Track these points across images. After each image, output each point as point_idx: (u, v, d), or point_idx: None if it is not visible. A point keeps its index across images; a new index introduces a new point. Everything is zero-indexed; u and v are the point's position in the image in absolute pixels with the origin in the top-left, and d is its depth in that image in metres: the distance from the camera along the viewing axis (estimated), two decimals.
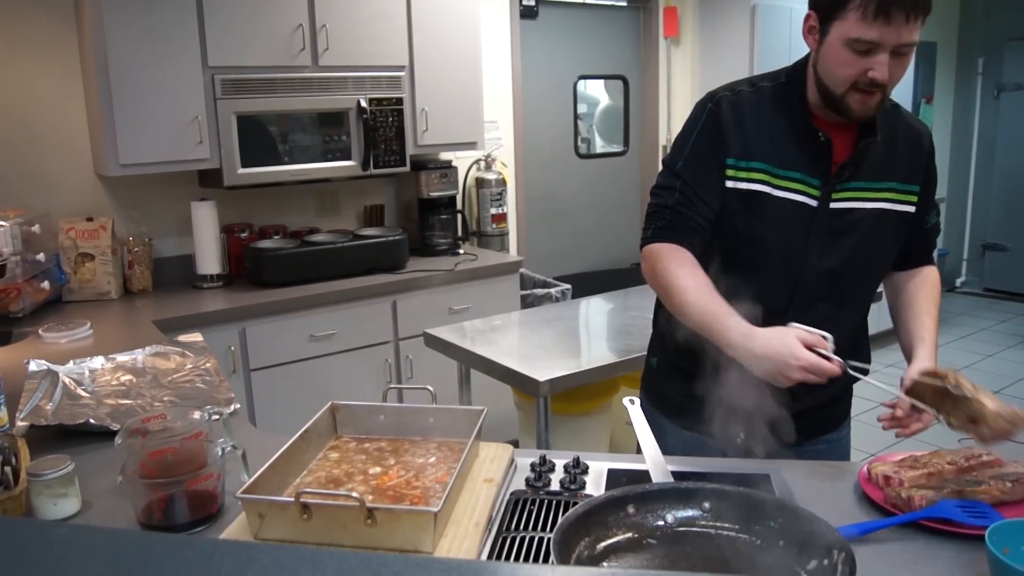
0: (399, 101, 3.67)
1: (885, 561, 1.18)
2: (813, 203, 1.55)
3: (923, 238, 1.70)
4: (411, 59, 3.73)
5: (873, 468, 1.38)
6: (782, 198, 1.54)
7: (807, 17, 1.50)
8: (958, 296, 7.14)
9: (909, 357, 1.61)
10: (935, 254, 1.77)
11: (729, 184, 1.56)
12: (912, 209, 1.61)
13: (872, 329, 1.77)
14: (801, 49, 1.57)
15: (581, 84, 4.98)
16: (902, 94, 6.03)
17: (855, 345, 1.66)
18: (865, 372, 1.50)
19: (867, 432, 2.76)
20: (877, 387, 1.48)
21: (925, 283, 1.70)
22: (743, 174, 1.55)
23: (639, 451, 1.62)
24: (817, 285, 1.57)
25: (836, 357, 1.40)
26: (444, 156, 4.17)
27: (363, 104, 3.55)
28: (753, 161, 1.55)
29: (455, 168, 4.07)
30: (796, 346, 1.39)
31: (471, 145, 4.01)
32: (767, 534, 1.14)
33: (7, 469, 1.35)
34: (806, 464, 1.54)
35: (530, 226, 4.81)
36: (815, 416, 1.67)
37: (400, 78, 3.68)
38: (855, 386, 1.68)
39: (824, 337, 1.42)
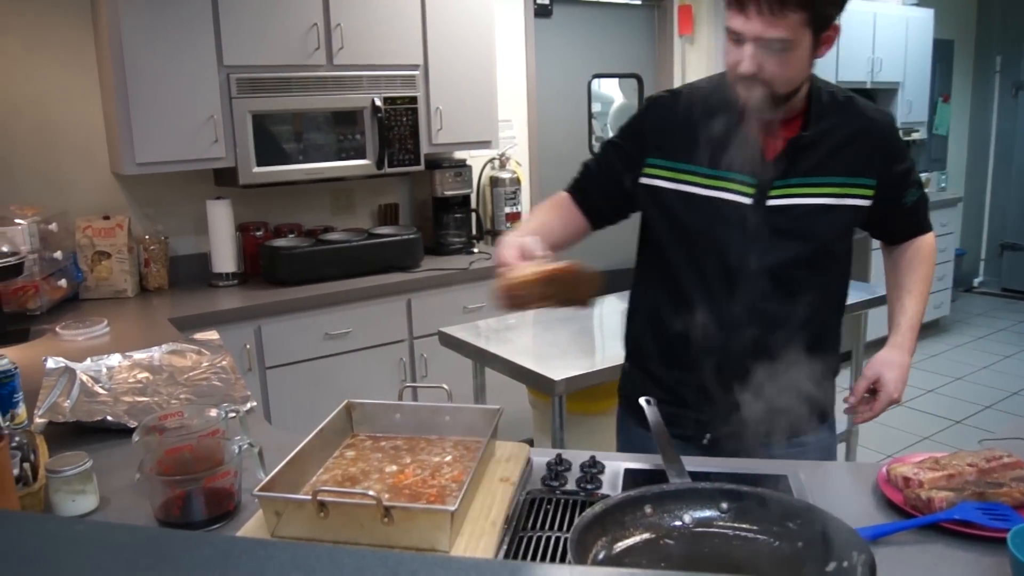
0: (413, 100, 3.67)
1: (905, 564, 1.16)
2: (748, 201, 1.54)
3: (904, 217, 1.70)
4: (425, 58, 3.73)
5: (892, 469, 1.37)
6: (715, 198, 1.55)
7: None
8: (976, 296, 7.09)
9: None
10: (928, 222, 1.76)
11: (660, 183, 1.60)
12: (866, 202, 1.58)
13: (886, 330, 1.75)
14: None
15: (595, 83, 4.97)
16: (919, 92, 6.01)
17: (820, 341, 1.64)
18: None
19: (882, 432, 2.74)
20: None
21: (915, 258, 1.73)
22: (676, 175, 1.58)
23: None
24: (761, 283, 1.55)
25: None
26: (458, 155, 4.17)
27: (378, 103, 3.55)
28: (685, 163, 1.57)
29: (469, 167, 4.07)
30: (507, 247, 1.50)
31: (485, 144, 4.00)
32: (785, 535, 1.14)
33: (26, 466, 1.35)
34: (824, 465, 1.53)
35: None
36: (783, 417, 1.64)
37: (414, 77, 3.69)
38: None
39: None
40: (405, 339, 3.56)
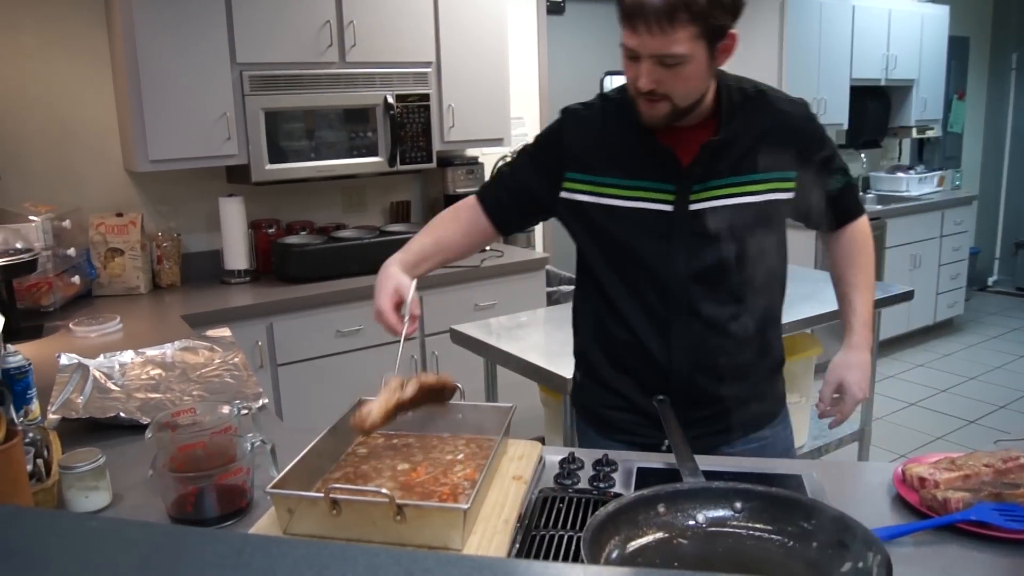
0: (426, 97, 3.67)
1: (921, 564, 1.15)
2: (669, 208, 1.53)
3: (832, 205, 1.67)
4: (438, 55, 3.73)
5: (908, 469, 1.36)
6: (637, 208, 1.54)
7: None
8: (990, 295, 7.04)
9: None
10: (859, 206, 1.75)
11: (582, 198, 1.59)
12: (788, 195, 1.56)
13: (900, 329, 1.75)
14: (831, 44, 1.55)
15: (607, 80, 4.95)
16: (934, 90, 5.97)
17: (763, 337, 1.64)
18: None
19: (896, 432, 2.73)
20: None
21: (852, 247, 1.73)
22: (596, 188, 1.57)
23: (668, 449, 1.63)
24: (694, 289, 1.55)
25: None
26: (470, 152, 4.17)
27: (390, 100, 3.55)
28: (603, 176, 1.56)
29: (481, 164, 4.06)
30: (384, 292, 1.58)
31: (497, 141, 4.00)
32: (800, 535, 1.13)
33: (39, 462, 1.36)
34: (838, 465, 1.52)
35: (556, 223, 4.79)
36: (736, 416, 1.64)
37: (427, 74, 3.68)
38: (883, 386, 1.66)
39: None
40: (416, 336, 3.55)
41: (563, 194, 1.61)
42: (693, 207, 1.52)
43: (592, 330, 1.70)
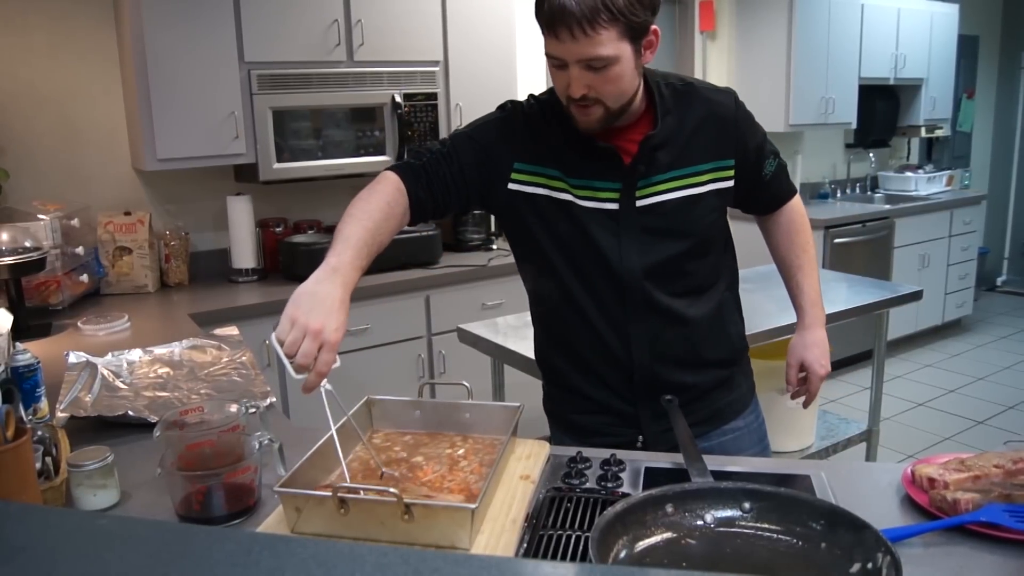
0: (433, 96, 3.67)
1: (930, 566, 1.15)
2: (615, 207, 1.53)
3: (768, 189, 1.70)
4: (446, 54, 3.73)
5: (917, 470, 1.35)
6: (586, 207, 1.53)
7: None
8: (999, 295, 7.02)
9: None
10: (791, 187, 1.76)
11: (535, 190, 1.56)
12: (729, 183, 1.59)
13: (909, 329, 1.75)
14: (839, 42, 1.54)
15: None
16: (943, 89, 5.95)
17: (722, 325, 1.65)
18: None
19: (904, 433, 2.72)
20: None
21: (791, 229, 1.74)
22: (547, 181, 1.55)
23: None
24: (648, 285, 1.55)
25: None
26: None
27: (397, 99, 3.55)
28: (550, 169, 1.55)
29: None
30: (335, 315, 1.23)
31: None
32: (809, 536, 1.12)
33: (48, 459, 1.36)
34: (846, 465, 1.52)
35: None
36: (705, 407, 1.66)
37: (434, 73, 3.68)
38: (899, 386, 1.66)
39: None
40: (423, 336, 3.56)
41: (512, 186, 1.57)
42: (640, 203, 1.53)
43: (552, 337, 1.71)
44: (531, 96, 1.62)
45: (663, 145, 1.52)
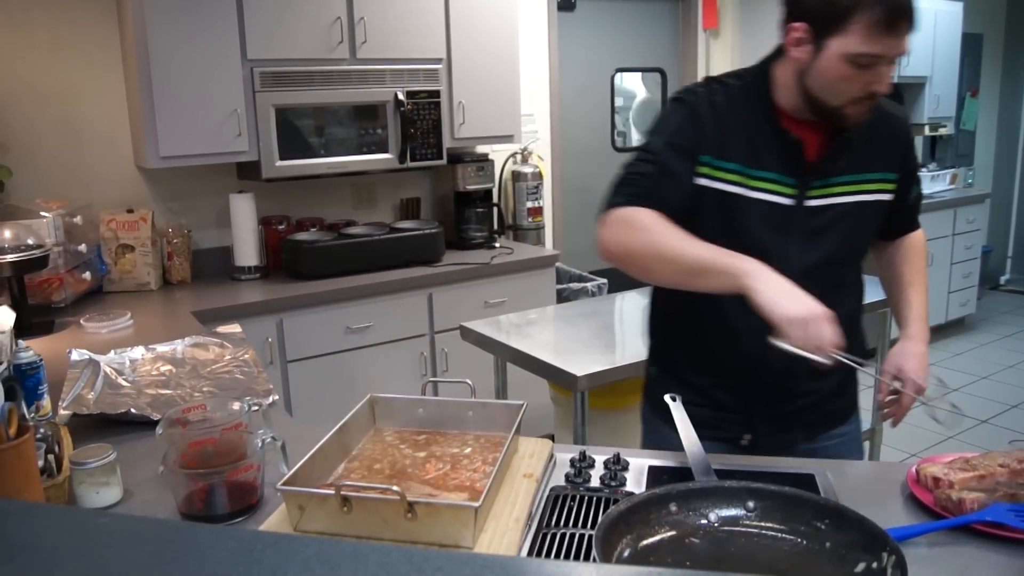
0: (436, 94, 3.66)
1: (935, 565, 1.14)
2: (789, 202, 1.52)
3: (907, 212, 1.71)
4: (448, 52, 3.72)
5: (922, 469, 1.35)
6: (756, 199, 1.52)
7: (791, 28, 1.45)
8: (1002, 294, 7.00)
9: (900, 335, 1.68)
10: (918, 219, 1.77)
11: (703, 182, 1.53)
12: (890, 196, 1.60)
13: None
14: None
15: (618, 77, 4.94)
16: (947, 87, 5.93)
17: (852, 334, 1.62)
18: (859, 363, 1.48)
19: (907, 432, 2.71)
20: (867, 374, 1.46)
21: (911, 252, 1.74)
22: (718, 173, 1.53)
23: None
24: (800, 283, 1.53)
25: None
26: (480, 149, 4.17)
27: (400, 97, 3.55)
28: (727, 161, 1.53)
29: (491, 161, 4.06)
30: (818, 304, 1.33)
31: (508, 138, 3.99)
32: (813, 535, 1.12)
33: (50, 457, 1.36)
34: (851, 464, 1.51)
35: (566, 220, 4.79)
36: (818, 411, 1.66)
37: (437, 71, 3.68)
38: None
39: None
40: (426, 333, 3.56)
41: (696, 180, 1.54)
42: (810, 203, 1.53)
43: (679, 326, 1.68)
44: (711, 80, 1.59)
45: (844, 147, 1.53)
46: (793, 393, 1.59)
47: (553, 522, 1.24)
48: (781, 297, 1.33)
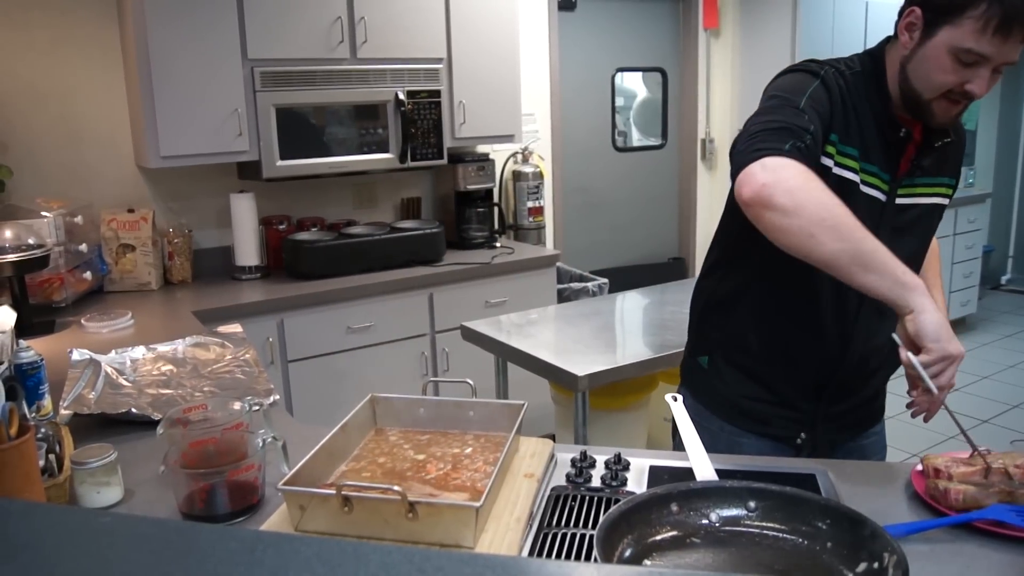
0: (437, 94, 3.66)
1: (935, 563, 1.14)
2: (883, 198, 1.52)
3: (939, 219, 1.71)
4: (449, 52, 3.72)
5: (927, 459, 1.35)
6: (864, 192, 1.50)
7: (909, 12, 1.42)
8: (1003, 294, 6.99)
9: None
10: None
11: (826, 162, 1.45)
12: (947, 201, 1.63)
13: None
14: (844, 40, 1.53)
15: (619, 77, 4.94)
16: None
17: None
18: None
19: (909, 431, 2.71)
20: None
21: (931, 257, 1.73)
22: (840, 158, 1.48)
23: (677, 447, 1.62)
24: None
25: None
26: (481, 149, 4.17)
27: (401, 97, 3.55)
28: (848, 146, 1.49)
29: (492, 161, 4.06)
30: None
31: (508, 138, 3.99)
32: (814, 535, 1.12)
33: (51, 457, 1.36)
34: (852, 464, 1.51)
35: (567, 220, 4.79)
36: (862, 410, 1.69)
37: (438, 71, 3.68)
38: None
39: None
40: (427, 333, 3.56)
41: (822, 159, 1.47)
42: (899, 200, 1.54)
43: (752, 316, 1.63)
44: (840, 62, 1.53)
45: (937, 149, 1.53)
46: (852, 391, 1.61)
47: (554, 522, 1.24)
48: (942, 329, 1.33)
